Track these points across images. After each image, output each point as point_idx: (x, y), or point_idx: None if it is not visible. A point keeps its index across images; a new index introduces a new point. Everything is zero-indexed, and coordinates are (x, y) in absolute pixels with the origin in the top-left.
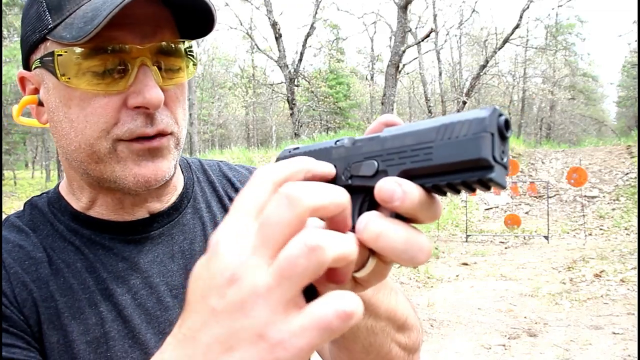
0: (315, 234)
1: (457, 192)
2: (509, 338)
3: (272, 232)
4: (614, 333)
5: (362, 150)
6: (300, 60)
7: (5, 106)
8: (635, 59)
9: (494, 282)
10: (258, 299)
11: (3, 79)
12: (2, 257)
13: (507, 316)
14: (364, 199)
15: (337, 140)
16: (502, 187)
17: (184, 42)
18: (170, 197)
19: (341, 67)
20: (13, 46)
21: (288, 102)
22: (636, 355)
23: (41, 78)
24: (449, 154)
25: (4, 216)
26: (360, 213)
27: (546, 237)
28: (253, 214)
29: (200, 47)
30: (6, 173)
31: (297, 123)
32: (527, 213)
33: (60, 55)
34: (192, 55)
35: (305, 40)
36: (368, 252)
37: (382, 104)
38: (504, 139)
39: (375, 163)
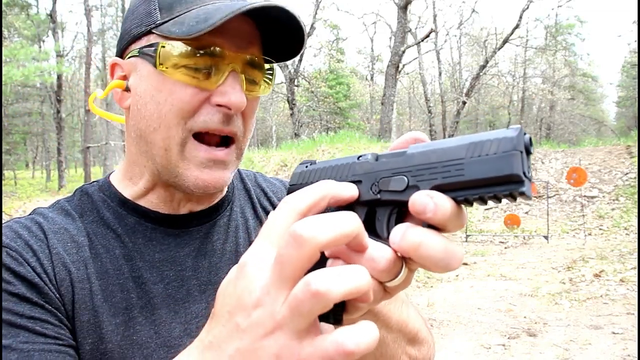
0: (321, 278)
1: (485, 203)
2: (508, 338)
3: (285, 270)
4: (614, 333)
5: (389, 166)
6: (300, 60)
7: (5, 106)
8: (635, 59)
9: (493, 282)
10: (277, 326)
11: (3, 79)
12: (2, 256)
13: (507, 316)
14: (392, 211)
15: (360, 156)
16: (530, 198)
17: (270, 61)
18: (214, 200)
19: (341, 67)
20: (13, 46)
21: (288, 102)
22: (636, 355)
23: (134, 66)
24: (481, 170)
25: (4, 217)
26: (388, 225)
27: (546, 237)
28: (276, 244)
29: None
30: (6, 173)
31: (297, 123)
32: (526, 213)
33: (164, 47)
34: (270, 77)
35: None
36: (401, 262)
37: (382, 104)
38: (528, 154)
39: (405, 178)
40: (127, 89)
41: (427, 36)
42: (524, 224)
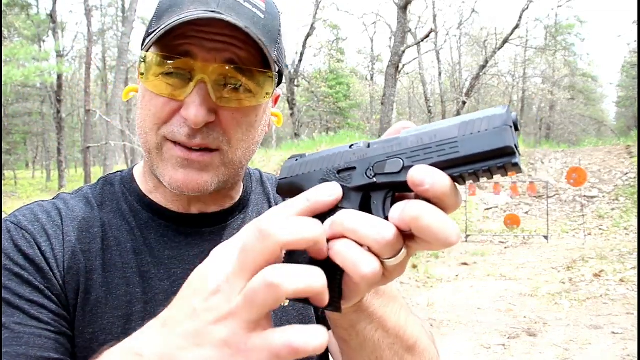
0: (277, 272)
1: (478, 179)
2: (508, 338)
3: (246, 260)
4: (614, 333)
5: (384, 151)
6: (300, 60)
7: (5, 106)
8: (635, 59)
9: (493, 282)
10: (230, 313)
11: (3, 79)
12: (2, 256)
13: (507, 316)
14: (387, 194)
15: (352, 145)
16: (521, 171)
17: (253, 68)
18: (227, 203)
19: (341, 67)
20: (13, 46)
21: (288, 102)
22: (636, 355)
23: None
24: (476, 145)
25: (3, 215)
26: (384, 207)
27: (546, 237)
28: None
29: None
30: (6, 173)
31: (297, 123)
32: (526, 213)
33: (143, 57)
34: (267, 84)
35: (305, 40)
36: (402, 240)
37: (382, 104)
38: (517, 130)
39: (401, 160)
40: None
41: (427, 36)
42: (523, 224)
